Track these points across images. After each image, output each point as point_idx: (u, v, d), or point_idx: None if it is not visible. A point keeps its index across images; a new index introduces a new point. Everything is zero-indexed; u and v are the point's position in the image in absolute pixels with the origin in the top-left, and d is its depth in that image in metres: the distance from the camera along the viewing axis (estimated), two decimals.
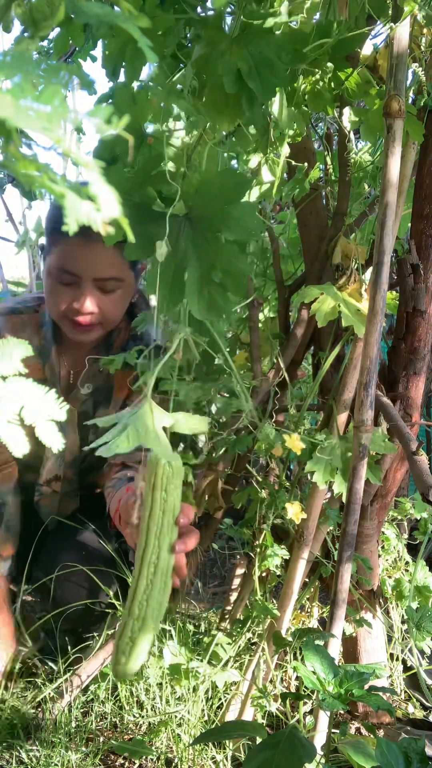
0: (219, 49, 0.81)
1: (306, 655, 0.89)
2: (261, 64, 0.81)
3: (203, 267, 0.83)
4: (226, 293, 0.84)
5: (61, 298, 1.39)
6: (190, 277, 0.83)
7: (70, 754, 1.16)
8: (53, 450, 0.55)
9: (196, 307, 0.84)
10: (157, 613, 0.91)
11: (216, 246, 0.83)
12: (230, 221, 0.83)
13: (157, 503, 0.91)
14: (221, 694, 1.25)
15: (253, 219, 0.83)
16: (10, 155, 0.35)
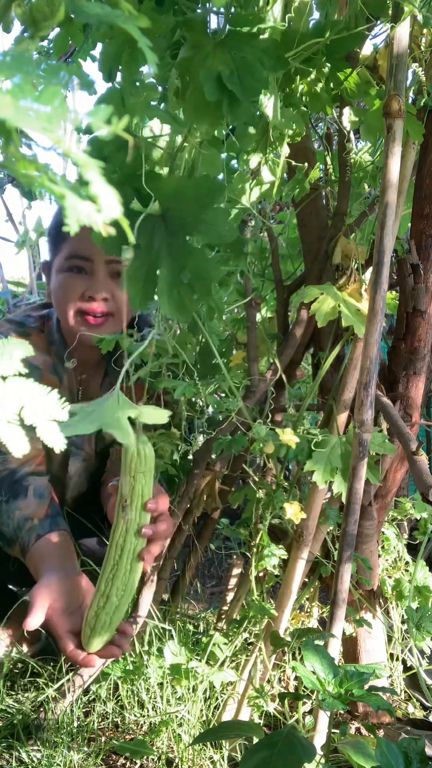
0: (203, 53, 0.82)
1: (305, 655, 0.89)
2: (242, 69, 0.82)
3: (174, 268, 0.85)
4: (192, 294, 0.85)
5: (72, 289, 1.38)
6: (161, 277, 0.85)
7: (72, 754, 1.16)
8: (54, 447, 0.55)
9: (166, 306, 0.86)
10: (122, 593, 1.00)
11: (187, 248, 0.85)
12: (202, 225, 0.84)
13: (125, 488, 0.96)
14: (218, 694, 1.25)
15: (224, 224, 0.84)
16: (10, 155, 0.35)
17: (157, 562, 1.33)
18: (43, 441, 0.53)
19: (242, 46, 0.83)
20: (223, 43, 0.83)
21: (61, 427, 0.72)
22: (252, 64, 0.82)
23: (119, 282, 1.40)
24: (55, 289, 1.43)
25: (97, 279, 1.37)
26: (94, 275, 1.38)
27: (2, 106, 0.29)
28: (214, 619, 1.51)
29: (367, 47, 1.09)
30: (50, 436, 0.53)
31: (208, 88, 0.80)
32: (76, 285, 1.38)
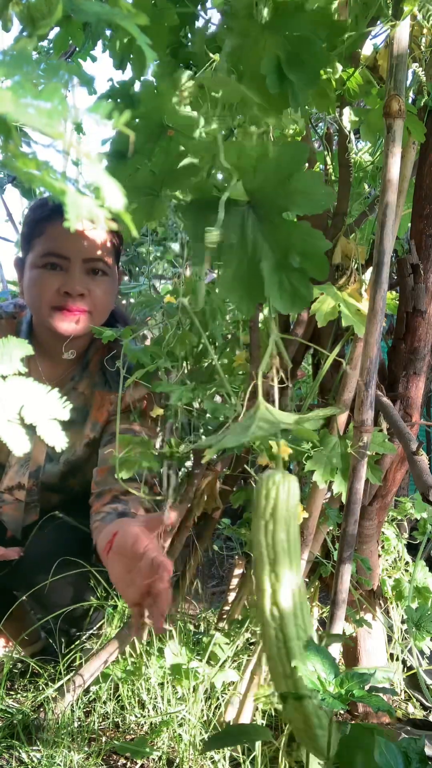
0: (252, 38, 0.77)
1: (307, 655, 0.89)
2: (299, 46, 0.76)
3: (278, 254, 0.76)
4: (307, 279, 0.76)
5: (47, 286, 1.37)
6: (266, 269, 0.76)
7: (72, 755, 1.16)
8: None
9: (279, 301, 0.76)
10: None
11: (287, 228, 0.76)
12: (295, 196, 0.76)
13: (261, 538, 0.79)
14: (219, 695, 1.25)
15: (320, 188, 0.76)
16: (10, 153, 0.35)
17: None
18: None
19: (292, 23, 0.77)
20: (272, 24, 0.78)
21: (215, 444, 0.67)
22: (307, 39, 0.76)
23: (96, 280, 1.40)
24: (29, 285, 1.41)
25: (74, 276, 1.36)
26: (70, 272, 1.37)
27: (2, 102, 0.29)
28: (215, 619, 1.51)
29: (367, 47, 1.09)
30: (51, 436, 0.53)
31: (271, 80, 0.75)
32: (52, 281, 1.37)
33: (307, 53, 0.76)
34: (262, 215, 0.78)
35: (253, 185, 0.78)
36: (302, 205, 0.76)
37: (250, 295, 0.78)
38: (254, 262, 0.77)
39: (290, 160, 0.76)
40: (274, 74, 0.76)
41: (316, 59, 0.77)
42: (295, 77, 0.76)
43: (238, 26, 0.79)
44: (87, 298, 1.38)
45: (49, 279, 1.37)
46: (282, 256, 0.76)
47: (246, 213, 0.78)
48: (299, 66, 0.76)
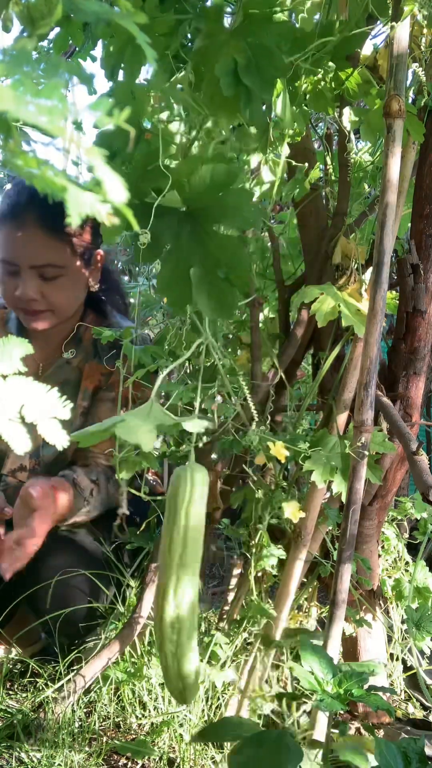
0: (217, 42, 0.80)
1: (303, 655, 0.89)
2: (259, 54, 0.79)
3: (207, 263, 0.80)
4: (233, 289, 0.81)
5: (7, 288, 1.44)
6: (195, 275, 0.80)
7: (72, 755, 1.16)
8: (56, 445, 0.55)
9: (206, 306, 0.81)
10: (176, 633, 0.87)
11: (217, 239, 0.80)
12: (226, 210, 0.80)
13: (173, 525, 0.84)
14: (220, 694, 1.25)
15: (249, 206, 0.80)
16: (10, 151, 0.35)
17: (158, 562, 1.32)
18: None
19: (258, 32, 0.79)
20: (239, 30, 0.80)
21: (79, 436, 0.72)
22: (269, 49, 0.79)
23: (49, 283, 1.43)
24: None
25: (25, 282, 1.41)
26: (22, 278, 1.42)
27: (3, 99, 0.29)
28: (215, 619, 1.50)
29: (367, 47, 1.09)
30: (52, 434, 0.53)
31: (225, 82, 0.77)
32: (10, 285, 1.44)
33: (266, 62, 0.80)
34: (197, 224, 0.82)
35: (189, 194, 0.82)
36: (232, 220, 0.81)
37: (182, 297, 0.83)
38: (187, 267, 0.82)
39: (223, 176, 0.80)
40: (228, 77, 0.79)
41: (274, 68, 0.80)
42: (250, 82, 0.79)
43: (207, 29, 0.82)
44: (39, 301, 1.43)
45: (9, 283, 1.44)
46: (211, 265, 0.81)
47: (183, 220, 0.82)
48: (256, 72, 0.79)
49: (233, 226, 0.83)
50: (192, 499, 0.83)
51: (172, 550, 0.84)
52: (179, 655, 0.85)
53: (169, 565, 0.84)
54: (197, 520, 0.84)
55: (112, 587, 1.46)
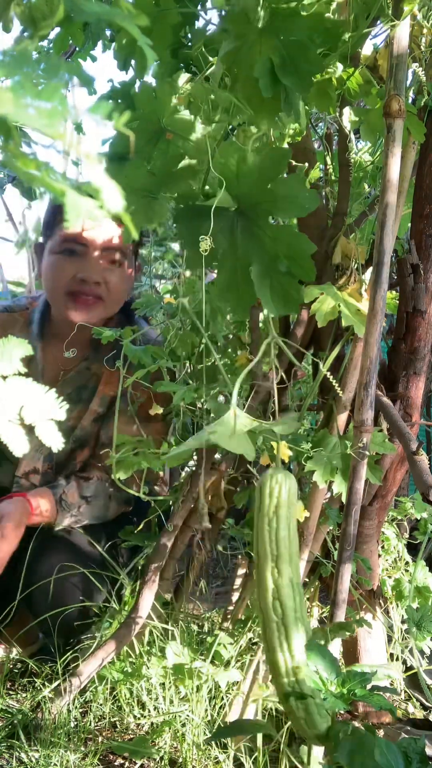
0: (248, 42, 0.77)
1: (309, 655, 0.89)
2: (294, 51, 0.76)
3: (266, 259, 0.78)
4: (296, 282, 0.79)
5: (64, 271, 1.40)
6: (256, 273, 0.78)
7: (69, 754, 1.16)
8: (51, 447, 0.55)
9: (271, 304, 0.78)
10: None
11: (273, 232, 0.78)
12: (279, 201, 0.77)
13: (264, 534, 0.81)
14: (224, 694, 1.25)
15: (303, 192, 0.77)
16: (10, 153, 0.35)
17: (159, 562, 1.32)
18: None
19: (288, 27, 0.77)
20: (268, 28, 0.78)
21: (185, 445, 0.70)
22: (303, 44, 0.76)
23: (112, 268, 1.41)
24: (47, 270, 1.45)
25: (90, 263, 1.39)
26: (87, 259, 1.39)
27: (3, 102, 0.29)
28: (219, 619, 1.51)
29: (367, 47, 1.09)
30: (48, 436, 0.53)
31: (264, 83, 0.75)
32: (69, 267, 1.40)
33: (301, 58, 0.77)
34: (250, 221, 0.79)
35: (238, 191, 0.79)
36: (286, 209, 0.78)
37: (243, 298, 0.80)
38: (245, 266, 0.79)
39: (270, 166, 0.77)
40: (267, 78, 0.76)
41: (311, 64, 0.78)
42: (288, 81, 0.76)
43: (235, 29, 0.79)
44: (102, 286, 1.42)
45: (67, 265, 1.40)
46: (270, 260, 0.78)
47: (235, 219, 0.80)
48: (293, 70, 0.76)
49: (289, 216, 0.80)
50: (278, 504, 0.81)
51: (262, 558, 0.82)
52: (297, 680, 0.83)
53: (262, 575, 0.82)
54: (286, 525, 0.82)
55: (107, 586, 1.46)
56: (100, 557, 1.45)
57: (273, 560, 0.81)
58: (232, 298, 0.81)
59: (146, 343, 1.37)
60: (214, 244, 0.78)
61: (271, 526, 0.81)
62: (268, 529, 0.80)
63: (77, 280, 1.40)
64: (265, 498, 0.81)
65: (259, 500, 0.82)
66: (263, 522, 0.81)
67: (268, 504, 0.80)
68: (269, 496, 0.81)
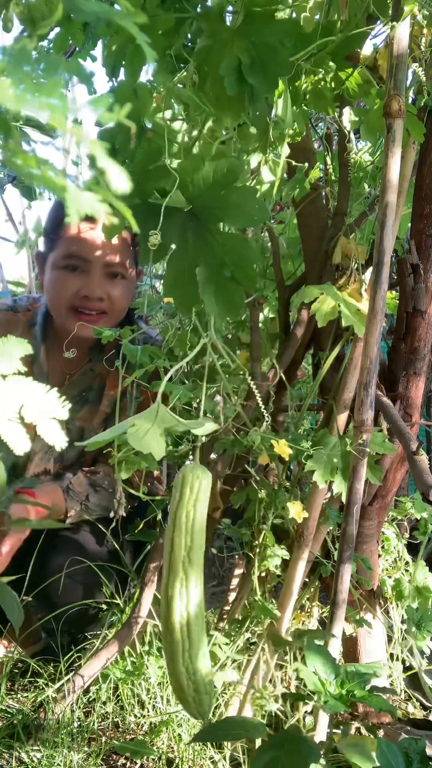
0: (220, 41, 0.79)
1: (307, 656, 0.89)
2: (264, 52, 0.78)
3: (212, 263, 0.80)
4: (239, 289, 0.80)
5: (67, 287, 1.40)
6: (201, 276, 0.80)
7: (72, 755, 1.16)
8: (55, 445, 0.55)
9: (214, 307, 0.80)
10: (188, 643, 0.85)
11: (221, 238, 0.80)
12: (230, 209, 0.79)
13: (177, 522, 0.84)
14: (219, 695, 1.24)
15: (253, 203, 0.79)
16: (9, 151, 0.35)
17: (158, 562, 1.32)
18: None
19: (262, 29, 0.78)
20: (242, 29, 0.79)
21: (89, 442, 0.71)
22: (273, 46, 0.78)
23: (114, 282, 1.42)
24: (49, 286, 1.45)
25: (93, 279, 1.39)
26: (90, 275, 1.39)
27: (2, 94, 0.29)
28: (215, 619, 1.50)
29: (367, 47, 1.09)
30: (51, 434, 0.53)
31: (229, 81, 0.77)
32: (72, 283, 1.40)
33: (271, 60, 0.79)
34: (201, 223, 0.81)
35: (193, 193, 0.81)
36: (235, 218, 0.80)
37: (188, 297, 0.82)
38: (192, 267, 0.81)
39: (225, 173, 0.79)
40: (232, 76, 0.78)
41: (279, 67, 0.79)
42: (255, 81, 0.78)
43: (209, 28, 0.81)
44: (105, 301, 1.42)
45: (70, 281, 1.40)
46: (216, 265, 0.80)
47: (188, 219, 0.81)
48: (260, 71, 0.78)
49: (237, 224, 0.82)
50: (197, 498, 0.84)
51: (176, 548, 0.84)
52: (192, 657, 0.84)
53: (174, 565, 0.85)
54: (201, 519, 0.85)
55: (112, 585, 1.46)
56: (106, 557, 1.45)
57: (186, 550, 0.84)
58: (178, 295, 0.83)
59: (146, 342, 1.37)
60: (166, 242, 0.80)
61: (188, 517, 0.84)
62: (185, 520, 0.84)
63: (80, 296, 1.40)
64: (186, 490, 0.85)
65: (180, 492, 0.85)
66: (181, 513, 0.84)
67: (188, 496, 0.84)
68: (190, 489, 0.84)
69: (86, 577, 1.40)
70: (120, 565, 1.46)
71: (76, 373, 1.56)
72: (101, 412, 1.56)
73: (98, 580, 1.41)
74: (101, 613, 1.45)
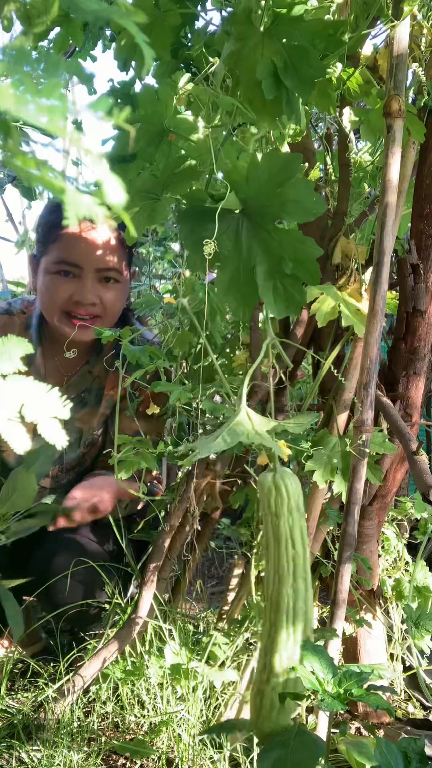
0: (250, 44, 0.78)
1: (305, 655, 0.89)
2: (295, 55, 0.77)
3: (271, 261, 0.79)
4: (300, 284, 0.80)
5: (60, 293, 1.40)
6: (260, 275, 0.79)
7: (72, 755, 1.16)
8: (57, 446, 0.55)
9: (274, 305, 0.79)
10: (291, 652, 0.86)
11: (279, 235, 0.79)
12: (287, 204, 0.78)
13: (269, 534, 0.83)
14: (219, 694, 1.25)
15: (311, 196, 0.78)
16: (9, 152, 0.35)
17: (158, 562, 1.32)
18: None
19: (291, 31, 0.78)
20: (270, 31, 0.79)
21: (202, 450, 0.72)
22: (305, 48, 0.77)
23: (108, 286, 1.42)
24: (42, 291, 1.45)
25: (86, 285, 1.39)
26: (82, 281, 1.39)
27: (3, 98, 0.29)
28: (214, 619, 1.50)
29: (367, 47, 1.09)
30: (52, 434, 0.53)
31: (267, 84, 0.76)
32: (64, 288, 1.40)
33: (303, 62, 0.78)
34: (256, 223, 0.80)
35: (246, 194, 0.80)
36: (294, 214, 0.79)
37: (245, 299, 0.81)
38: (249, 267, 0.80)
39: (281, 170, 0.78)
40: (270, 79, 0.77)
41: (312, 68, 0.79)
42: (290, 84, 0.77)
43: (237, 31, 0.80)
44: (98, 305, 1.42)
45: (62, 286, 1.40)
46: (275, 263, 0.79)
47: (240, 221, 0.81)
48: (294, 74, 0.77)
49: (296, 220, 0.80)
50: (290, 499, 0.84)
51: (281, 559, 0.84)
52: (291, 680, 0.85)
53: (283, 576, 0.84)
54: (302, 526, 0.84)
55: (114, 584, 1.46)
56: (107, 557, 1.45)
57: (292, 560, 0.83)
58: (235, 298, 0.82)
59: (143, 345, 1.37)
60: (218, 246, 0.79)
61: (289, 527, 0.83)
62: (286, 530, 0.83)
63: (73, 301, 1.40)
64: (278, 498, 0.83)
65: (275, 499, 0.83)
66: (281, 522, 0.83)
67: (285, 500, 0.83)
68: (283, 497, 0.83)
69: (88, 577, 1.40)
70: (122, 564, 1.46)
71: (74, 375, 1.56)
72: (100, 414, 1.56)
73: (100, 579, 1.41)
74: (103, 613, 1.45)
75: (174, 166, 0.88)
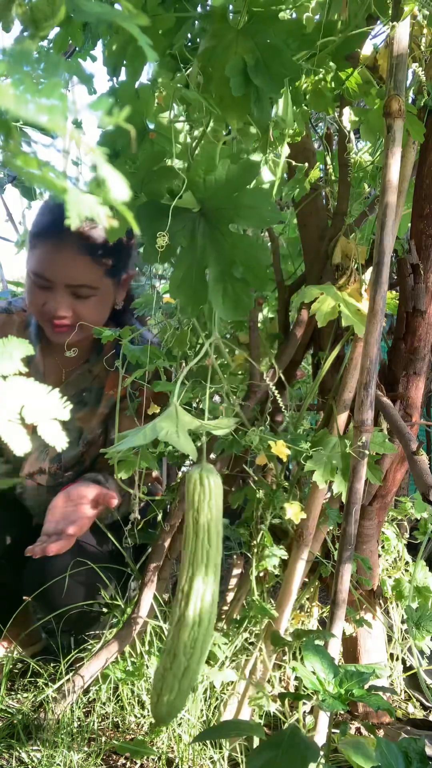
0: (224, 42, 0.79)
1: (306, 655, 0.89)
2: (268, 53, 0.78)
3: (223, 263, 0.80)
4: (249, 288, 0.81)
5: (37, 300, 1.42)
6: (211, 275, 0.80)
7: (72, 755, 1.16)
8: (56, 446, 0.55)
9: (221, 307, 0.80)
10: (191, 650, 0.85)
11: (232, 239, 0.80)
12: (242, 210, 0.79)
13: (189, 524, 0.85)
14: (218, 694, 1.25)
15: (266, 205, 0.79)
16: (10, 152, 0.35)
17: (158, 562, 1.33)
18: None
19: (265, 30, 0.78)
20: (246, 29, 0.79)
21: (122, 443, 0.72)
22: (277, 47, 0.78)
23: (80, 301, 1.42)
24: (25, 293, 1.47)
25: (57, 299, 1.39)
26: (53, 294, 1.40)
27: (3, 97, 0.29)
28: None
29: (367, 47, 1.09)
30: (51, 435, 0.53)
31: (235, 82, 0.77)
32: (39, 297, 1.41)
33: (275, 61, 0.79)
34: (212, 224, 0.81)
35: (203, 194, 0.81)
36: (248, 219, 0.80)
37: (195, 297, 0.82)
38: (201, 267, 0.82)
39: (239, 175, 0.79)
40: (238, 77, 0.78)
41: (284, 67, 0.79)
42: (260, 82, 0.78)
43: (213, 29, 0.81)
44: (72, 317, 1.42)
45: (38, 294, 1.42)
46: (227, 265, 0.80)
47: (197, 220, 0.81)
48: (265, 72, 0.78)
49: (250, 225, 0.81)
50: (211, 497, 0.84)
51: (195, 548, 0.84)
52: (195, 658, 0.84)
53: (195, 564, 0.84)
54: (217, 519, 0.84)
55: (113, 586, 1.46)
56: (106, 558, 1.45)
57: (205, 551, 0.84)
58: (185, 295, 0.83)
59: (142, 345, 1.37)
60: (173, 242, 0.80)
61: (205, 518, 0.84)
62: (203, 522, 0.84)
63: (47, 310, 1.41)
64: (198, 491, 0.84)
65: (192, 494, 0.85)
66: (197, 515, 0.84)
67: (201, 497, 0.84)
68: (202, 490, 0.84)
69: (88, 578, 1.40)
70: (122, 565, 1.46)
71: (73, 374, 1.56)
72: (100, 413, 1.56)
73: (100, 580, 1.41)
74: (103, 615, 1.45)
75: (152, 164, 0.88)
